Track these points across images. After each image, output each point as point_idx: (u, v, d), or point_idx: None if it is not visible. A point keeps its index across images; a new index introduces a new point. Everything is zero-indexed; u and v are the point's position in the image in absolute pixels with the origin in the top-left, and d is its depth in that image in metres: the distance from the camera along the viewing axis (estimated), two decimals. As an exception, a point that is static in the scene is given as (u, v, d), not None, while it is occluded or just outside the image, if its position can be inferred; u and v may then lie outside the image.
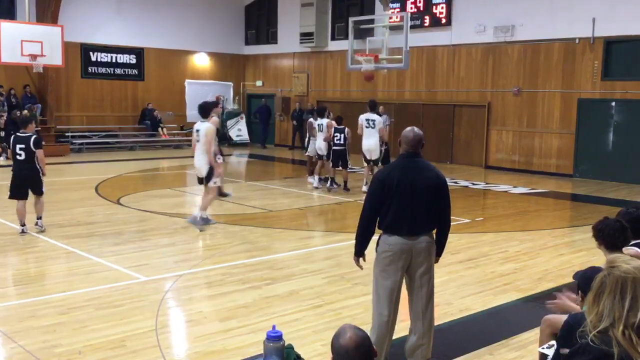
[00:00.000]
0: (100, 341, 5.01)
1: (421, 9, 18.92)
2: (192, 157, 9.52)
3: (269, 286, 6.59)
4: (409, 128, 4.52)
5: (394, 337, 4.62)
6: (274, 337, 3.09)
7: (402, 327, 4.90)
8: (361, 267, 4.67)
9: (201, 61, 24.21)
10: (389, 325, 4.47)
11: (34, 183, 8.76)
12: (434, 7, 18.69)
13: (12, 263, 7.56)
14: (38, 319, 5.52)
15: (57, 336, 5.09)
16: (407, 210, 4.32)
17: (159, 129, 22.29)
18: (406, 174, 4.34)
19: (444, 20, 18.55)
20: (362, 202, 4.62)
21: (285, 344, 3.14)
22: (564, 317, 2.86)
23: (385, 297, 4.43)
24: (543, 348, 3.95)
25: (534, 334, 5.24)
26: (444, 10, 18.52)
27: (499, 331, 5.55)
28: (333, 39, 21.86)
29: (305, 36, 22.05)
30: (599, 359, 2.29)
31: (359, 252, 4.58)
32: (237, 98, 25.00)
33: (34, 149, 8.56)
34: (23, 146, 8.56)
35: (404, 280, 4.52)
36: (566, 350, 2.49)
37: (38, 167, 8.67)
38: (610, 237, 3.99)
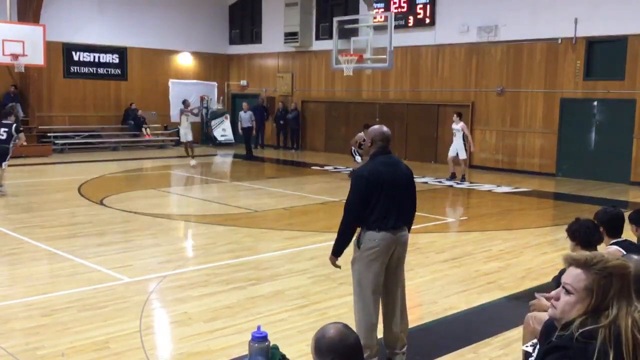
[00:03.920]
0: (83, 343, 4.97)
1: (405, 9, 18.98)
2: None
3: (254, 286, 6.58)
4: (377, 126, 4.61)
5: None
6: (259, 338, 3.08)
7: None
8: (339, 267, 4.66)
9: (185, 61, 24.09)
10: (377, 319, 4.56)
11: (4, 156, 11.60)
12: (418, 7, 18.76)
13: (-6, 265, 7.48)
14: (21, 321, 5.46)
15: (40, 338, 5.04)
16: (393, 204, 4.42)
17: (143, 129, 22.16)
18: (388, 170, 4.45)
19: (427, 21, 18.62)
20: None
21: (271, 345, 3.13)
22: (546, 314, 2.88)
23: (373, 293, 4.49)
24: (527, 346, 3.99)
25: (518, 332, 5.28)
26: (427, 11, 18.60)
27: (483, 330, 5.58)
28: (317, 38, 21.87)
29: (290, 36, 22.02)
30: (576, 356, 2.30)
31: (340, 252, 4.59)
32: (221, 98, 24.92)
33: (15, 134, 11.62)
34: (6, 129, 11.59)
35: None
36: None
37: (11, 146, 11.63)
38: (585, 236, 4.07)
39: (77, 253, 7.75)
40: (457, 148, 15.16)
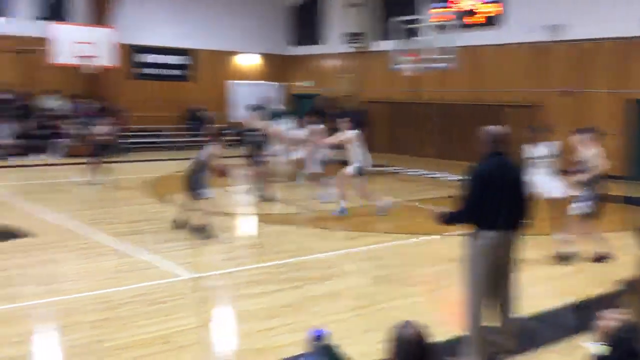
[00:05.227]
0: (145, 337, 5.08)
1: (468, 8, 18.67)
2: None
3: (313, 286, 6.59)
4: (492, 127, 4.71)
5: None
6: (318, 336, 3.08)
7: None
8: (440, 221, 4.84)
9: (248, 62, 24.44)
10: (487, 317, 4.62)
11: None
12: (482, 6, 18.41)
13: (63, 259, 7.75)
14: (86, 314, 5.63)
15: (105, 331, 5.19)
16: (503, 205, 4.50)
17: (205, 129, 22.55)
18: (501, 171, 4.55)
19: (491, 20, 18.26)
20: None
21: (330, 344, 3.12)
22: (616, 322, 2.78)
23: (483, 291, 4.56)
24: (592, 344, 3.85)
25: (584, 339, 5.11)
26: (491, 9, 18.24)
27: (547, 335, 5.41)
28: (378, 39, 21.78)
29: (351, 36, 22.04)
30: (628, 354, 2.29)
31: (447, 222, 4.79)
32: (283, 98, 25.13)
33: None
34: None
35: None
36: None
37: None
38: None
39: (142, 249, 7.95)
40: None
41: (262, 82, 24.44)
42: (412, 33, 16.31)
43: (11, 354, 4.69)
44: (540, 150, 8.94)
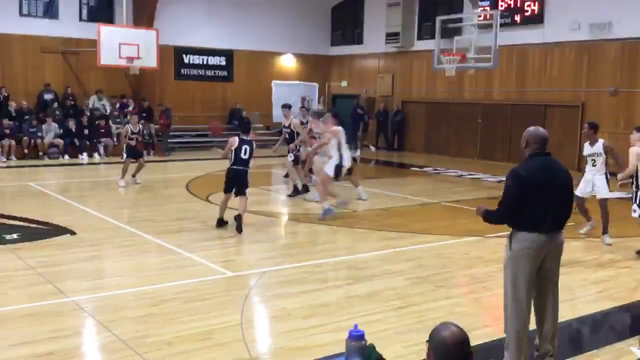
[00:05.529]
0: (188, 333, 5.18)
1: (512, 6, 18.41)
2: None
3: (351, 286, 6.61)
4: (533, 127, 4.60)
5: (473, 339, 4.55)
6: (356, 336, 3.11)
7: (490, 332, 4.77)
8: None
9: (288, 62, 24.59)
10: (529, 322, 4.54)
11: None
12: (526, 4, 18.14)
13: (109, 256, 7.96)
14: (131, 309, 5.78)
15: (149, 327, 5.31)
16: (549, 207, 4.39)
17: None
18: (545, 172, 4.44)
19: (536, 18, 17.97)
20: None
21: (367, 344, 3.15)
22: None
23: (525, 294, 4.47)
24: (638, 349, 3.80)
25: (629, 344, 5.01)
26: (536, 8, 17.95)
27: (591, 341, 5.33)
28: (419, 38, 21.65)
29: (391, 36, 21.95)
30: None
31: (486, 219, 4.66)
32: (322, 98, 25.20)
33: None
34: None
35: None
36: None
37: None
38: None
39: (185, 247, 8.09)
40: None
41: (303, 82, 24.55)
42: (454, 32, 16.18)
43: (58, 348, 4.84)
44: (591, 148, 8.88)
